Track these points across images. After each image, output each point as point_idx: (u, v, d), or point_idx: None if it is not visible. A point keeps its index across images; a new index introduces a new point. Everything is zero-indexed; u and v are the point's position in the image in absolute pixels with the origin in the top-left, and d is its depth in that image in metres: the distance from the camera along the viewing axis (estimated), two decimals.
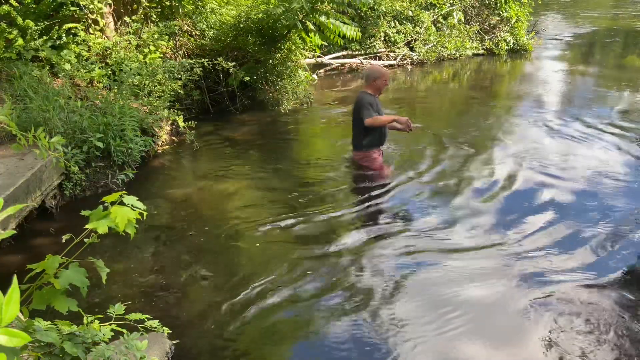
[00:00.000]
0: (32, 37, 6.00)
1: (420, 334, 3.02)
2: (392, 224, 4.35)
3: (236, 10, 7.31)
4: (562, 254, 3.78)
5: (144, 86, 6.12)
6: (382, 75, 5.05)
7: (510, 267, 3.65)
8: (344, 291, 3.43)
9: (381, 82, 5.04)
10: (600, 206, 4.51)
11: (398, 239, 4.08)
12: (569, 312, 3.18)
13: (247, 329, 3.13)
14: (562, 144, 6.03)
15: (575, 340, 2.94)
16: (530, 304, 3.24)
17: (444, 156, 5.73)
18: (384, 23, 10.32)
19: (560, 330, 3.02)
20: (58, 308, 1.64)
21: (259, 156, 6.00)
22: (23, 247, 4.03)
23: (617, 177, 5.08)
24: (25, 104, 5.06)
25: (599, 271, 3.58)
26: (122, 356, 1.81)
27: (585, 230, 4.11)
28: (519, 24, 11.52)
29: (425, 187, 5.01)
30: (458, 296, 3.34)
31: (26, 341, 0.97)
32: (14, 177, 4.10)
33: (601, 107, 7.28)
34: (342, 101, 8.22)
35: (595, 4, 18.93)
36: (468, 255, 3.85)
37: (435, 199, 4.80)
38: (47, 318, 1.79)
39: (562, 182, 4.99)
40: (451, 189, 4.96)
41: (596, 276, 3.53)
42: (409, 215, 4.54)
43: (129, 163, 5.22)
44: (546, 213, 4.40)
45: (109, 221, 1.63)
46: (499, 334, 3.02)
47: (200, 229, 4.33)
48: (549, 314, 3.15)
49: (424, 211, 4.58)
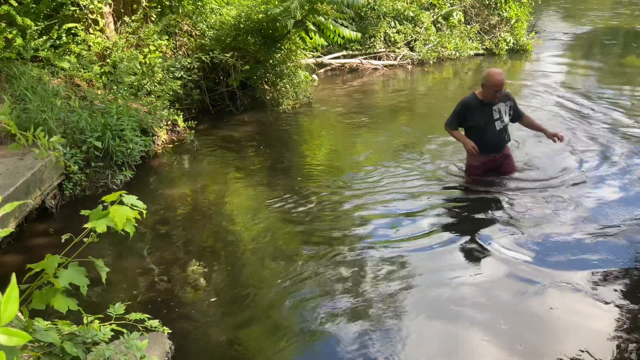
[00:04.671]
0: (31, 37, 6.00)
1: (427, 334, 3.02)
2: (392, 224, 4.34)
3: (236, 10, 7.31)
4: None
5: (142, 86, 6.12)
6: (490, 85, 4.47)
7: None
8: (345, 291, 3.42)
9: (486, 90, 4.53)
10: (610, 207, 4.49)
11: (404, 237, 4.07)
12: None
13: (248, 328, 3.13)
14: (564, 143, 6.01)
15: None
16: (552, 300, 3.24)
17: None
18: (384, 23, 10.32)
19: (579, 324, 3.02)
20: (58, 307, 1.63)
21: (258, 156, 5.99)
22: (23, 246, 4.03)
23: (619, 175, 5.08)
24: (24, 104, 5.06)
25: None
26: (122, 356, 1.80)
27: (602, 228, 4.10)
28: (519, 24, 11.51)
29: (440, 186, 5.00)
30: (461, 295, 3.34)
31: (26, 340, 0.97)
32: (14, 177, 4.10)
33: (601, 107, 7.28)
34: (342, 101, 8.22)
35: (595, 3, 18.93)
36: (472, 253, 3.85)
37: (452, 197, 4.79)
38: (47, 318, 1.79)
39: (563, 181, 4.97)
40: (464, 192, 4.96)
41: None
42: (419, 214, 4.52)
43: (129, 163, 5.22)
44: (556, 218, 4.39)
45: (107, 220, 1.63)
46: (511, 335, 3.02)
47: (200, 228, 4.33)
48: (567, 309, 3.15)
49: (437, 211, 4.57)
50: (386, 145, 6.19)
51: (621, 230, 4.06)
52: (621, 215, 4.28)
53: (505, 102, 4.71)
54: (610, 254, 3.75)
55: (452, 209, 4.57)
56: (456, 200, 4.75)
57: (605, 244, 3.87)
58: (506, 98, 4.72)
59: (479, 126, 4.67)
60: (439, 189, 4.97)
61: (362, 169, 5.44)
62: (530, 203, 4.51)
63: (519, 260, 3.70)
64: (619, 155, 5.55)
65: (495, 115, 4.66)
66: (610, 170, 5.16)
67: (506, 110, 4.72)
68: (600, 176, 5.04)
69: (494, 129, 4.67)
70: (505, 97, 4.71)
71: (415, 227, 4.27)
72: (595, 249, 3.82)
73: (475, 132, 4.69)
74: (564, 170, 5.17)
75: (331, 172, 5.44)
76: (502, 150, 4.85)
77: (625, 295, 3.31)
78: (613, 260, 3.68)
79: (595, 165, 5.32)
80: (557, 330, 3.01)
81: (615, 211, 4.35)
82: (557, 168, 5.22)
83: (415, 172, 5.33)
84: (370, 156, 5.84)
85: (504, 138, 4.80)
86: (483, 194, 4.76)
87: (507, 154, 4.93)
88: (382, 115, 7.56)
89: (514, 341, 2.93)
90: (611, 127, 6.43)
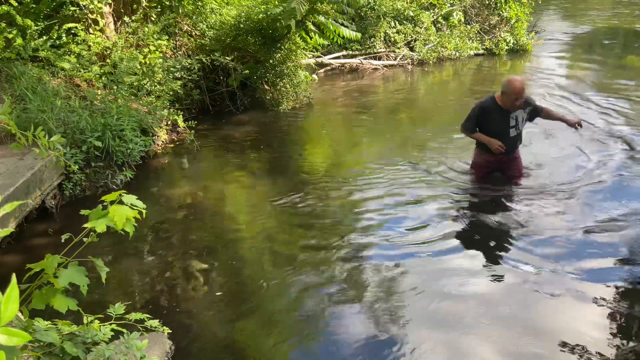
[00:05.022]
0: (31, 37, 6.00)
1: (429, 332, 3.01)
2: (393, 222, 4.34)
3: (236, 10, 7.31)
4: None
5: (142, 86, 6.12)
6: (511, 92, 4.35)
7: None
8: (347, 291, 3.42)
9: (506, 98, 4.40)
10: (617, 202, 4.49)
11: (405, 236, 4.07)
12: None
13: (248, 328, 3.13)
14: (564, 144, 6.01)
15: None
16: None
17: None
18: (384, 23, 10.32)
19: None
20: (57, 307, 1.63)
21: (258, 156, 5.99)
22: (23, 246, 4.03)
23: (623, 176, 5.07)
24: (24, 104, 5.06)
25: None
26: (122, 356, 1.80)
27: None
28: (519, 24, 11.52)
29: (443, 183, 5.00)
30: (465, 294, 3.34)
31: (26, 340, 0.97)
32: (14, 177, 4.10)
33: (601, 107, 7.27)
34: (342, 101, 8.22)
35: (595, 3, 18.93)
36: (476, 251, 3.85)
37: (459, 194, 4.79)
38: (47, 318, 1.78)
39: (568, 183, 4.97)
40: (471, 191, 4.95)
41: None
42: (420, 211, 4.52)
43: (129, 163, 5.22)
44: (558, 214, 4.38)
45: (107, 220, 1.63)
46: (515, 332, 3.02)
47: (200, 228, 4.33)
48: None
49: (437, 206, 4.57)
50: (386, 145, 6.18)
51: (628, 232, 4.05)
52: (623, 215, 4.28)
53: (525, 109, 4.59)
54: (616, 256, 3.74)
55: (455, 210, 4.57)
56: (459, 201, 4.74)
57: (610, 246, 3.87)
58: (526, 104, 4.58)
59: (493, 131, 4.56)
60: (441, 188, 4.95)
61: (363, 169, 5.43)
62: (534, 205, 4.50)
63: (522, 262, 3.70)
64: (620, 155, 5.55)
65: (512, 123, 4.55)
66: (613, 171, 5.15)
67: (524, 117, 4.62)
68: (603, 177, 5.03)
69: (508, 135, 4.56)
70: (526, 103, 4.57)
71: (415, 226, 4.27)
72: (600, 251, 3.81)
73: (488, 135, 4.58)
74: (569, 171, 5.17)
75: (331, 172, 5.44)
76: (511, 153, 4.76)
77: (631, 300, 3.31)
78: (620, 265, 3.67)
79: (597, 165, 5.31)
80: (559, 333, 3.01)
81: (615, 212, 4.35)
82: (562, 169, 5.22)
83: (416, 171, 5.33)
84: (370, 156, 5.83)
85: (516, 144, 4.72)
86: (488, 192, 4.77)
87: (515, 156, 4.84)
88: (382, 115, 7.56)
89: (515, 345, 2.93)
90: (611, 127, 6.43)
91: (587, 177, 5.03)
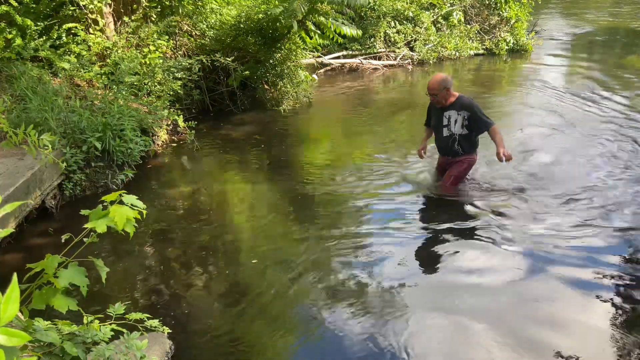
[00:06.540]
0: (31, 37, 6.00)
1: (428, 330, 3.02)
2: (393, 221, 4.34)
3: (236, 10, 7.31)
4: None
5: (143, 86, 6.12)
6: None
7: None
8: (346, 288, 3.42)
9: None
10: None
11: (405, 236, 4.07)
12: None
13: (248, 328, 3.13)
14: (564, 143, 6.02)
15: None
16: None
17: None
18: (384, 23, 10.32)
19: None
20: (57, 307, 1.63)
21: (258, 156, 5.99)
22: (23, 246, 4.03)
23: (624, 176, 5.08)
24: (24, 104, 5.06)
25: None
26: (122, 356, 1.80)
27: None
28: (519, 24, 11.52)
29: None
30: (468, 293, 3.34)
31: (26, 340, 0.97)
32: (14, 177, 4.10)
33: (601, 107, 7.28)
34: (342, 101, 8.22)
35: (595, 3, 18.92)
36: (480, 250, 3.85)
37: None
38: (47, 318, 1.79)
39: (567, 184, 4.98)
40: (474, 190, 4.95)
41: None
42: (422, 212, 4.53)
43: (129, 163, 5.22)
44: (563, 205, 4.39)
45: (107, 220, 1.63)
46: (513, 333, 3.02)
47: (200, 228, 4.33)
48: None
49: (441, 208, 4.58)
50: (387, 144, 6.18)
51: (625, 230, 4.07)
52: (623, 214, 4.29)
53: (459, 112, 4.50)
54: (615, 255, 3.76)
55: (455, 206, 4.57)
56: (458, 199, 4.74)
57: (610, 245, 3.88)
58: (461, 107, 4.49)
59: (432, 125, 4.86)
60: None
61: (363, 169, 5.43)
62: (534, 204, 4.52)
63: (520, 254, 3.71)
64: (620, 155, 5.55)
65: (444, 121, 4.60)
66: (614, 171, 5.16)
67: (457, 119, 4.51)
68: (603, 177, 5.04)
69: (442, 133, 4.66)
70: (460, 106, 4.49)
71: (416, 226, 4.28)
72: (598, 248, 3.83)
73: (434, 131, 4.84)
74: (569, 171, 5.18)
75: (331, 171, 5.44)
76: (450, 156, 4.74)
77: (632, 297, 3.31)
78: (617, 261, 3.68)
79: (598, 165, 5.32)
80: (559, 328, 3.01)
81: (616, 210, 4.36)
82: (562, 169, 5.23)
83: (416, 170, 5.33)
84: (370, 156, 5.83)
85: (452, 146, 4.64)
86: (488, 190, 4.78)
87: (456, 161, 4.72)
88: (383, 115, 7.55)
89: (516, 339, 2.93)
90: (612, 127, 6.43)
91: (587, 177, 5.04)
